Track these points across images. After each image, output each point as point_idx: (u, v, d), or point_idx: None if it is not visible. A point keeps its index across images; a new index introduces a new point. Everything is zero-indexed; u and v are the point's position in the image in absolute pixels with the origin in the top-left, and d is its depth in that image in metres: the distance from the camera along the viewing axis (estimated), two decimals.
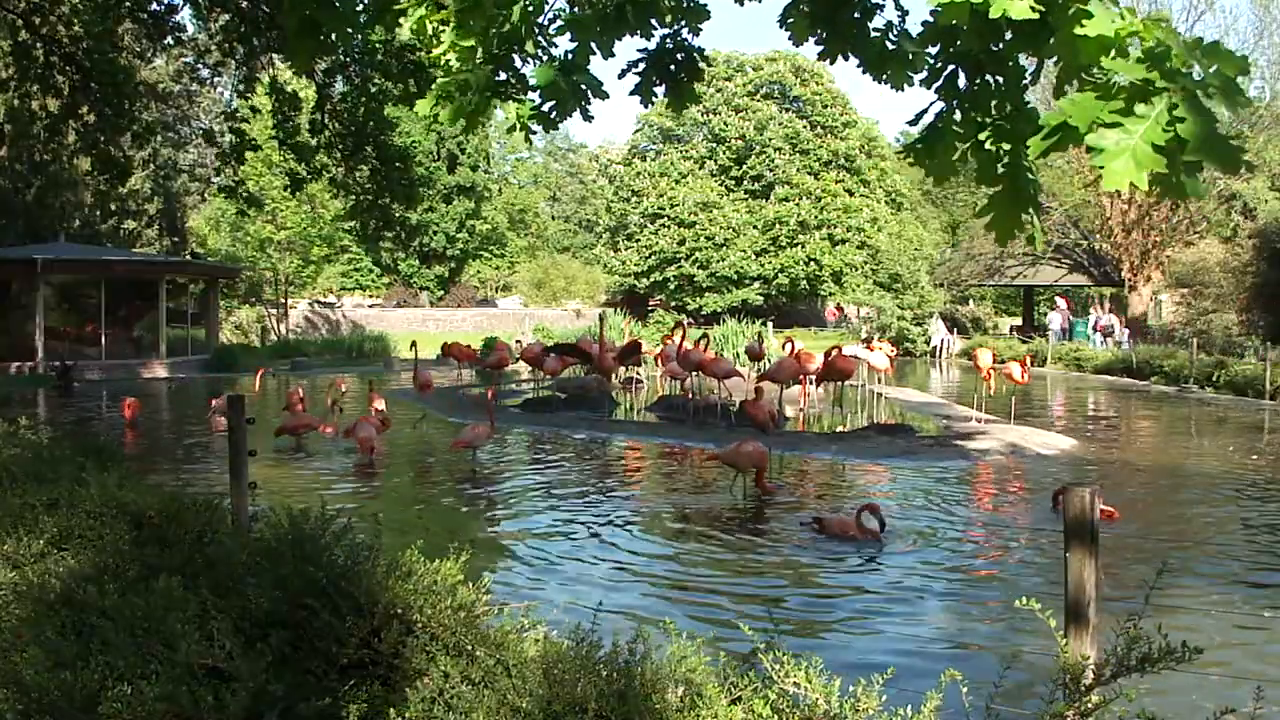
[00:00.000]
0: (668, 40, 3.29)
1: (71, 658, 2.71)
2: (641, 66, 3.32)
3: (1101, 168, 1.96)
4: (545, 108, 3.08)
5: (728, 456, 9.33)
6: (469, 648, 2.74)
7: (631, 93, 3.35)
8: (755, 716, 2.38)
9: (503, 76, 3.07)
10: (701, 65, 3.35)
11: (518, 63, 3.10)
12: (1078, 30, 2.07)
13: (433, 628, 2.81)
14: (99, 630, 2.84)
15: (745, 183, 44.59)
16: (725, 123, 44.43)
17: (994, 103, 2.46)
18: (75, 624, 2.98)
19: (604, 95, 3.14)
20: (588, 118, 3.20)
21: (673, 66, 3.31)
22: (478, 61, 2.99)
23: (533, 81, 3.08)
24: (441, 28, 3.00)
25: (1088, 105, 2.02)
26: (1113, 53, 2.08)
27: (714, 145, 45.08)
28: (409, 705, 2.50)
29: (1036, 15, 2.12)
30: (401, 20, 3.15)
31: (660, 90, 3.37)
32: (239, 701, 2.51)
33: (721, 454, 9.51)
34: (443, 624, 2.82)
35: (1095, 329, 33.39)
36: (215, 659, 2.67)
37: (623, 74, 3.35)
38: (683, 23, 3.24)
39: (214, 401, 14.08)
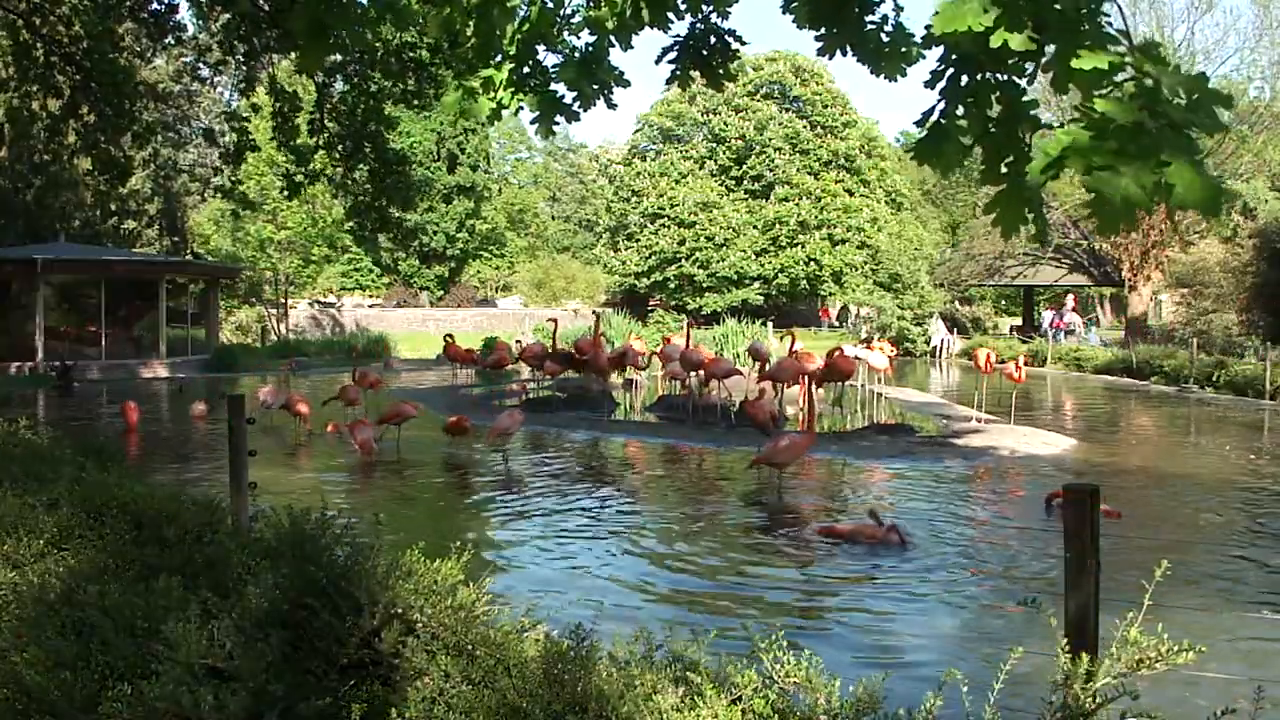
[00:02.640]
0: (698, 26, 3.35)
1: (71, 658, 2.70)
2: (674, 54, 3.37)
3: (1093, 209, 2.03)
4: (568, 99, 3.12)
5: (766, 456, 9.49)
6: (469, 647, 2.73)
7: (668, 81, 3.43)
8: (755, 716, 2.38)
9: (525, 70, 3.10)
10: (735, 46, 3.41)
11: (540, 56, 3.13)
12: (1073, 63, 2.11)
13: (433, 627, 2.81)
14: (99, 630, 2.84)
15: (745, 183, 44.57)
16: (725, 123, 44.40)
17: (994, 98, 2.48)
18: (75, 624, 2.97)
19: (625, 84, 3.20)
20: (611, 105, 3.29)
21: (705, 51, 3.37)
22: (509, 55, 3.02)
23: (555, 74, 3.11)
24: (468, 22, 3.03)
25: (1083, 144, 2.07)
26: (1106, 85, 2.12)
27: (714, 145, 45.06)
28: (409, 705, 2.50)
29: (1034, 46, 2.17)
30: (425, 18, 3.22)
31: (695, 74, 3.45)
32: (239, 701, 2.51)
33: (762, 455, 9.64)
34: (443, 624, 2.82)
35: (1053, 326, 34.72)
36: (215, 659, 2.67)
37: (658, 60, 3.43)
38: (710, 8, 3.29)
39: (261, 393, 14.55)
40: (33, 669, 2.61)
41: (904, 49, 2.80)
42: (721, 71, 3.42)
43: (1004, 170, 2.44)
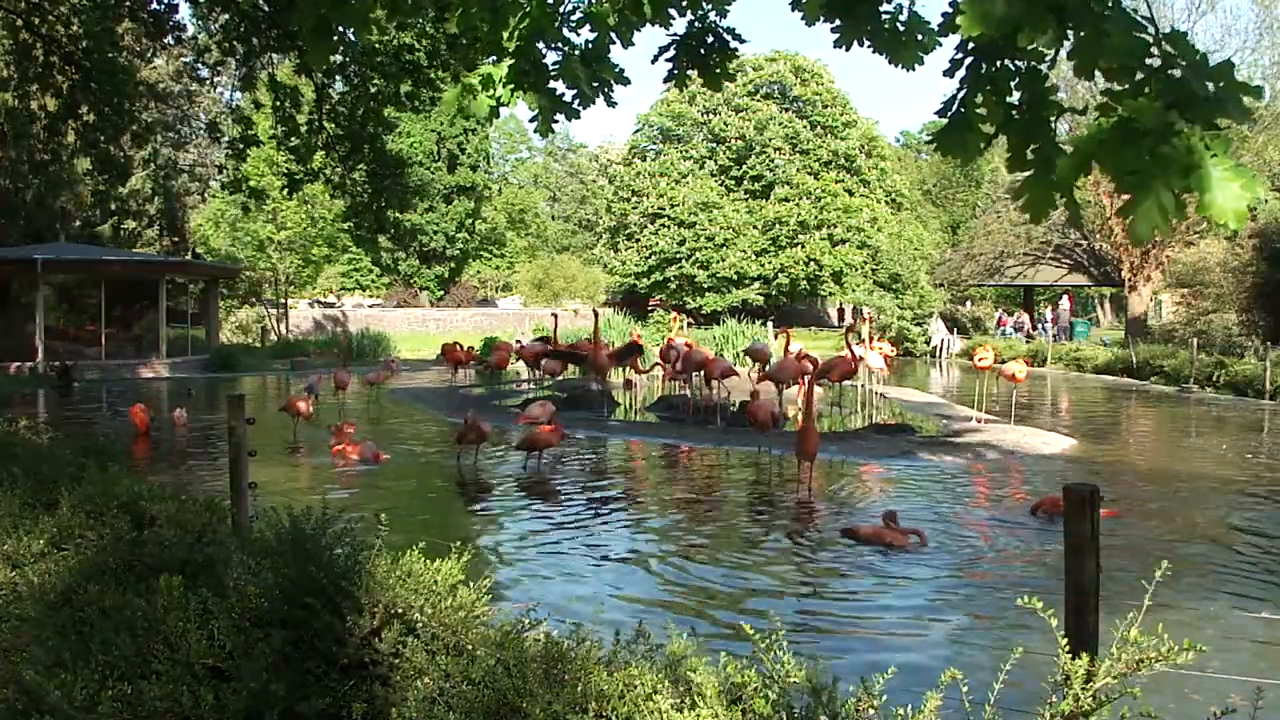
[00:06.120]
0: (696, 24, 3.33)
1: (71, 658, 2.70)
2: (672, 52, 3.36)
3: (1129, 215, 2.01)
4: (568, 97, 3.12)
5: (808, 451, 9.57)
6: (469, 647, 2.73)
7: (666, 79, 3.41)
8: (755, 716, 2.38)
9: (525, 68, 3.09)
10: (734, 45, 3.39)
11: (540, 53, 3.12)
12: (1105, 44, 2.10)
13: (433, 627, 2.81)
14: (99, 630, 2.84)
15: (745, 183, 44.57)
16: (725, 123, 44.40)
17: (1014, 85, 2.49)
18: (75, 624, 2.97)
19: (625, 82, 3.18)
20: (611, 104, 3.26)
21: (703, 50, 3.35)
22: (508, 52, 3.02)
23: (555, 71, 3.10)
24: (483, 22, 3.02)
25: (1114, 148, 2.06)
26: (1134, 73, 2.11)
27: (714, 145, 45.06)
28: (409, 705, 2.50)
29: (1059, 34, 2.17)
30: (448, 15, 3.20)
31: (692, 73, 3.43)
32: (239, 701, 2.51)
33: (800, 452, 9.69)
34: (443, 624, 2.82)
35: (1000, 325, 35.85)
36: (215, 659, 2.67)
37: (655, 59, 3.40)
38: (709, 6, 3.28)
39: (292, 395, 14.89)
40: (33, 669, 2.61)
41: (920, 37, 2.80)
42: (719, 71, 3.40)
43: (1030, 156, 2.44)
